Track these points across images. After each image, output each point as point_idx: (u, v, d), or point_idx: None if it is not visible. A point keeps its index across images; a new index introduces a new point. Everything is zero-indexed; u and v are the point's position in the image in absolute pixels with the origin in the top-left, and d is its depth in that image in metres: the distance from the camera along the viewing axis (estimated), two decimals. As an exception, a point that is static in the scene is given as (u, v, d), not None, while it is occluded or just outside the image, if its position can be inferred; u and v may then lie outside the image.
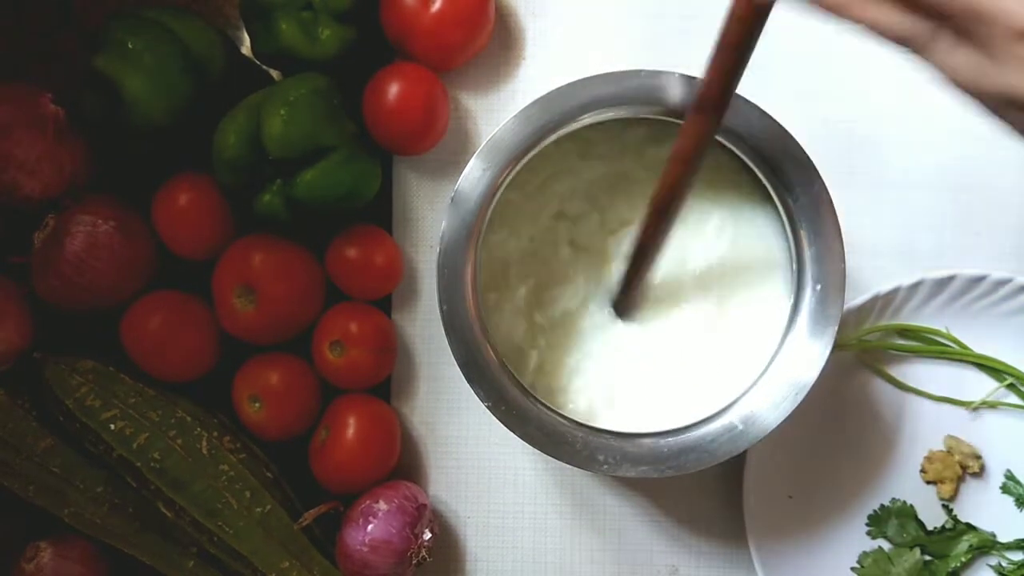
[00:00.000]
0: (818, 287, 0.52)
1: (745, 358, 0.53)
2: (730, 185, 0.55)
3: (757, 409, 0.51)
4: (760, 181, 0.53)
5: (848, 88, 0.63)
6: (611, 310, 0.56)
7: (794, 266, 0.52)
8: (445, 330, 0.51)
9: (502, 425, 0.51)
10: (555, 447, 0.51)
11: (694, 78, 0.51)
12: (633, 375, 0.55)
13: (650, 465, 0.51)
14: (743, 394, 0.51)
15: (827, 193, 0.52)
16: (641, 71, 0.52)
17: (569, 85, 0.52)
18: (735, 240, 0.55)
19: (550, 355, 0.55)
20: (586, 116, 0.52)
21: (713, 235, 0.55)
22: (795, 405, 0.50)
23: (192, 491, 0.56)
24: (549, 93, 0.52)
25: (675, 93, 0.52)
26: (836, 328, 0.51)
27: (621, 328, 0.56)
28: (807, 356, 0.51)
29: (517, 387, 0.51)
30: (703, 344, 0.55)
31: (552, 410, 0.51)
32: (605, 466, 0.50)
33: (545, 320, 0.56)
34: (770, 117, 0.52)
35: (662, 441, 0.51)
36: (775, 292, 0.54)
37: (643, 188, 0.54)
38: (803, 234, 0.52)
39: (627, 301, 0.55)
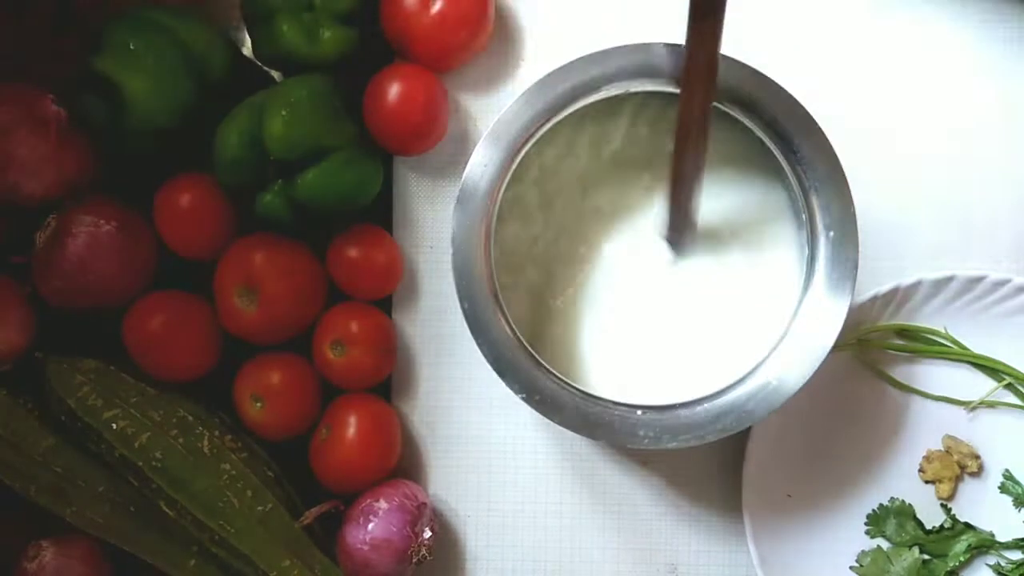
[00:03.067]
0: (831, 234, 0.52)
1: (766, 316, 0.53)
2: (731, 147, 0.55)
3: (789, 362, 0.51)
4: (760, 139, 0.53)
5: (845, 88, 0.63)
6: (666, 246, 0.56)
7: (804, 217, 0.52)
8: (470, 329, 0.51)
9: (536, 414, 0.51)
10: (594, 429, 0.51)
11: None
12: (654, 347, 0.55)
13: (691, 433, 0.51)
14: (772, 350, 0.51)
15: (827, 140, 0.52)
16: (648, 44, 0.53)
17: (570, 64, 0.53)
18: (743, 201, 0.56)
19: (568, 337, 0.56)
20: (591, 95, 0.53)
21: (721, 199, 0.55)
22: (828, 350, 0.50)
23: (193, 490, 0.56)
24: (552, 72, 0.53)
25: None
26: (856, 271, 0.51)
27: (638, 301, 0.56)
28: (831, 300, 0.51)
29: (548, 375, 0.51)
30: (722, 308, 0.55)
31: (586, 393, 0.51)
32: (646, 440, 0.51)
33: (561, 301, 0.56)
34: (761, 74, 0.52)
35: (698, 408, 0.51)
36: (789, 247, 0.54)
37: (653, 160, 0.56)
38: (808, 184, 0.52)
39: (679, 235, 0.55)
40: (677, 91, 0.53)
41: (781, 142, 0.52)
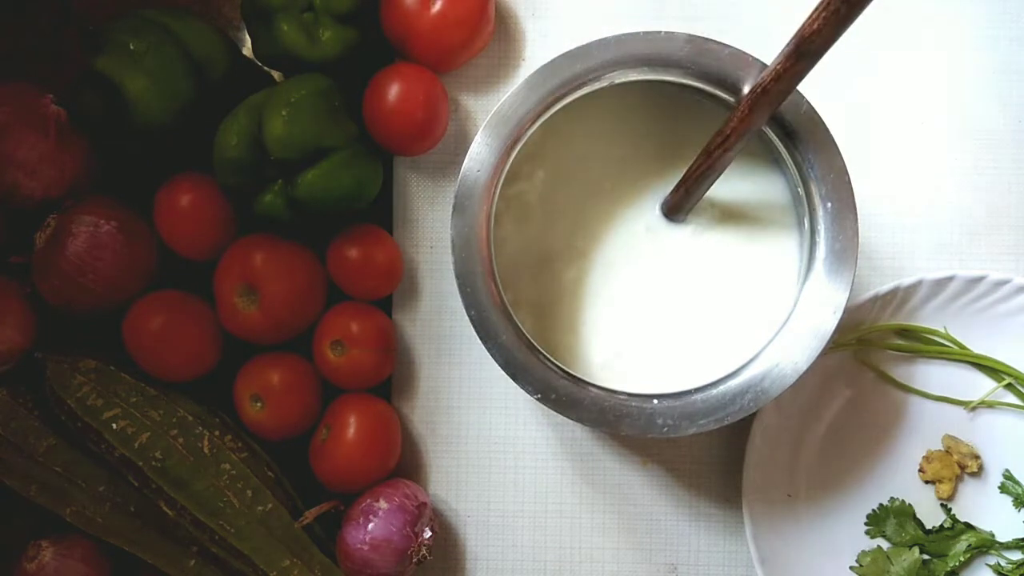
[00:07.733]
0: (828, 205, 0.52)
1: (771, 294, 0.53)
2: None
3: (800, 336, 0.51)
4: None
5: (845, 90, 0.63)
6: (660, 215, 0.56)
7: (801, 192, 0.52)
8: (479, 335, 0.51)
9: (555, 413, 0.51)
10: (613, 423, 0.51)
11: (707, 40, 0.52)
12: (662, 336, 0.55)
13: (709, 417, 0.51)
14: (783, 326, 0.51)
15: (817, 114, 0.52)
16: (643, 32, 0.53)
17: (572, 51, 0.53)
18: (742, 184, 0.56)
19: (573, 333, 0.56)
20: (581, 88, 0.53)
21: (721, 184, 0.55)
22: (836, 324, 0.51)
23: (193, 490, 0.56)
24: (554, 59, 0.53)
25: (686, 54, 0.52)
26: (858, 238, 0.51)
27: (642, 291, 0.56)
28: (837, 271, 0.51)
29: (560, 374, 0.51)
30: (728, 291, 0.55)
31: (600, 388, 0.51)
32: (665, 428, 0.51)
33: (564, 298, 0.56)
34: (745, 53, 0.52)
35: (713, 392, 0.51)
36: (791, 226, 0.55)
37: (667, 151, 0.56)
38: (802, 159, 0.52)
39: (677, 213, 0.55)
40: (677, 81, 0.53)
41: (773, 123, 0.52)
